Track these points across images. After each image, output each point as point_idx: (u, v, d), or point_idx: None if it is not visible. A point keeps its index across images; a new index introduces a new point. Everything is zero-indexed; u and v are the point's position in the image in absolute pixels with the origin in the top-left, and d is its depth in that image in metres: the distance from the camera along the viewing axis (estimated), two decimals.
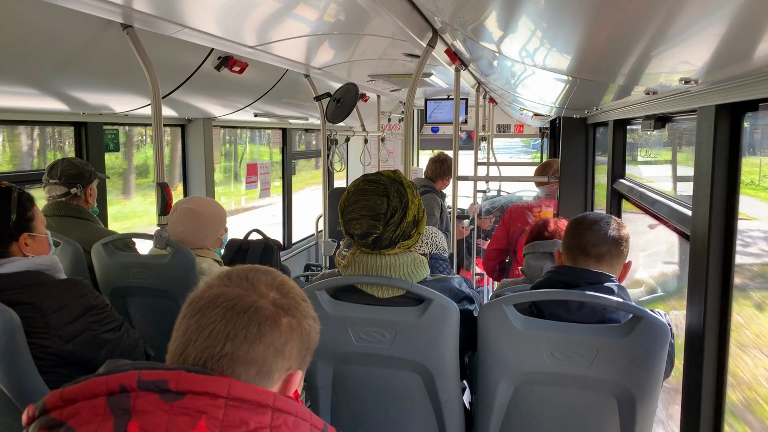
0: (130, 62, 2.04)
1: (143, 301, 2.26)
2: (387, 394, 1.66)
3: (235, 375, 0.79)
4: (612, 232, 1.65)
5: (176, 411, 0.72)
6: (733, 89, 1.27)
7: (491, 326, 1.54)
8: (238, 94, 3.30)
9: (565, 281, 1.61)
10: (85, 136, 2.96)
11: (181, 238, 2.20)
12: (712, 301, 1.45)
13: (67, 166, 2.44)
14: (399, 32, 1.97)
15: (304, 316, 0.87)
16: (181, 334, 0.82)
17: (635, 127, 2.65)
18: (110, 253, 2.22)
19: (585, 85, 1.81)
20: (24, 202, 1.62)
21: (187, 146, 3.90)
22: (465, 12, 1.36)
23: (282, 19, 2.14)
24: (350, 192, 1.60)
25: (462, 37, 1.82)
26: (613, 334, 1.47)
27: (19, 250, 1.60)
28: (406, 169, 2.47)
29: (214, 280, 0.87)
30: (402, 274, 1.59)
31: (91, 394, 0.74)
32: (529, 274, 2.33)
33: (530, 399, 1.58)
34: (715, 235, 1.42)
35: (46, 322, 1.52)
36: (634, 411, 1.48)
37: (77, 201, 2.47)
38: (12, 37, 1.74)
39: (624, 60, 1.24)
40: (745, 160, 1.39)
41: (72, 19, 1.78)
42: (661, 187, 2.24)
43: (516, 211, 3.73)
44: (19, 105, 2.43)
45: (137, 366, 0.77)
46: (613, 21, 0.91)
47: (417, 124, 6.89)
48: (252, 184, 4.73)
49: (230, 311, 0.81)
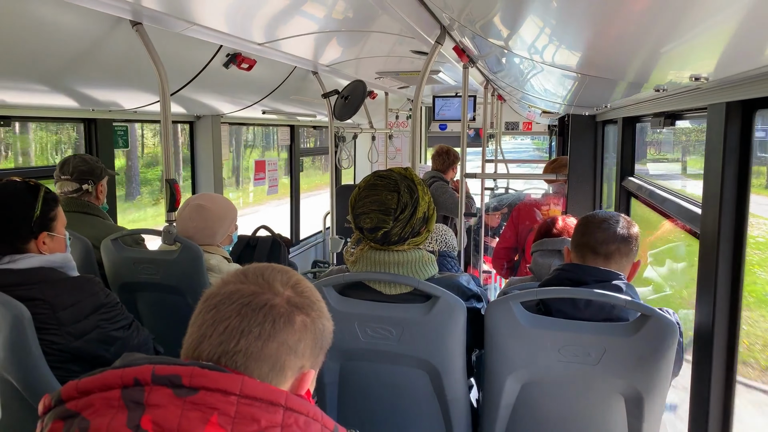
0: (139, 59, 2.05)
1: (152, 296, 2.28)
2: (394, 392, 1.66)
3: (248, 371, 0.79)
4: (621, 231, 1.64)
5: (189, 406, 0.72)
6: (744, 86, 1.26)
7: (498, 324, 1.54)
8: (246, 91, 3.31)
9: (573, 279, 1.60)
10: (95, 132, 2.98)
11: (191, 234, 2.21)
12: (722, 299, 1.44)
13: (79, 162, 2.46)
14: (407, 29, 1.96)
15: (319, 315, 0.88)
16: (196, 329, 0.83)
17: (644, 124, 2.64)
18: (119, 248, 2.23)
19: (594, 82, 1.80)
20: (49, 202, 1.64)
21: (196, 143, 3.91)
22: (473, 8, 1.35)
23: (290, 16, 2.14)
24: (361, 187, 1.61)
25: (470, 34, 1.82)
26: (620, 333, 1.47)
27: (36, 247, 1.62)
28: (414, 166, 2.46)
29: (231, 276, 0.87)
30: (410, 271, 1.59)
31: (106, 386, 0.75)
32: (536, 271, 2.32)
33: (537, 397, 1.57)
34: (725, 234, 1.41)
35: (57, 318, 1.53)
36: (642, 410, 1.47)
37: (88, 197, 2.48)
38: (22, 35, 1.75)
39: (633, 57, 1.23)
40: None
41: (82, 17, 1.80)
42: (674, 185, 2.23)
43: (524, 209, 3.71)
44: (29, 102, 2.45)
45: (152, 360, 0.77)
46: (623, 17, 0.91)
47: (425, 122, 6.88)
48: (260, 181, 4.74)
49: (245, 308, 0.82)
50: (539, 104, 4.05)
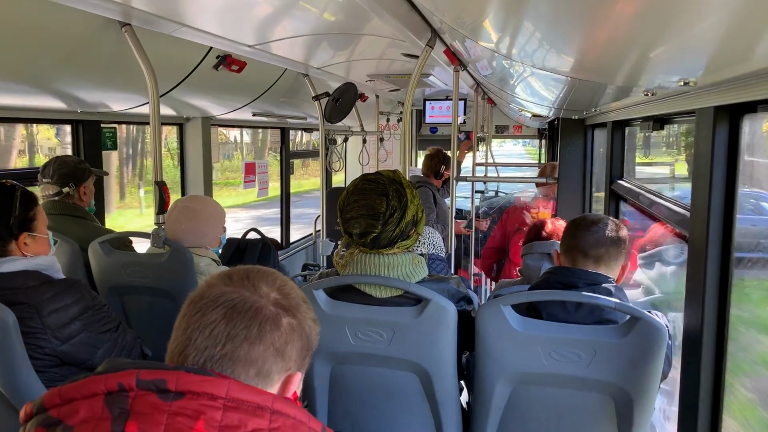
0: (128, 60, 2.04)
1: (140, 299, 2.26)
2: (384, 395, 1.66)
3: (234, 375, 0.79)
4: (610, 234, 1.65)
5: (175, 411, 0.71)
6: (732, 90, 1.27)
7: (489, 326, 1.54)
8: (236, 93, 3.30)
9: (563, 282, 1.61)
10: (83, 134, 2.95)
11: (180, 237, 2.20)
12: (710, 302, 1.45)
13: (59, 165, 2.43)
14: (398, 32, 1.97)
15: (305, 317, 0.87)
16: (181, 333, 0.82)
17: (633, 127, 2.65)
18: (107, 251, 2.21)
19: (583, 85, 1.81)
20: (27, 201, 1.62)
21: (185, 145, 3.89)
22: (464, 12, 1.36)
23: (281, 18, 2.13)
24: (349, 191, 1.60)
25: (461, 38, 1.82)
26: (610, 335, 1.47)
27: (18, 249, 1.60)
28: (405, 169, 2.46)
29: (216, 279, 0.86)
30: (400, 274, 1.59)
31: (90, 392, 0.73)
32: (527, 274, 2.33)
33: (528, 399, 1.57)
34: (714, 237, 1.42)
35: (43, 322, 1.52)
36: (632, 412, 1.48)
37: (71, 200, 2.45)
38: (9, 35, 1.73)
39: (622, 61, 1.24)
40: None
41: (70, 17, 1.78)
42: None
43: (513, 212, 3.76)
44: (15, 103, 2.42)
45: (136, 365, 0.76)
46: (612, 22, 0.91)
47: (415, 125, 6.89)
48: (250, 183, 4.72)
49: (231, 311, 0.81)
50: (529, 107, 4.07)
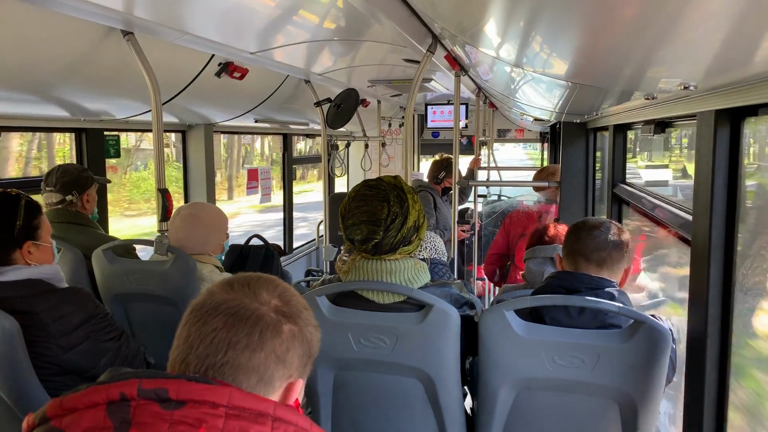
0: (130, 68, 2.05)
1: (144, 307, 2.26)
2: (387, 401, 1.65)
3: (236, 383, 0.79)
4: (613, 237, 1.65)
5: (176, 420, 0.72)
6: (733, 94, 1.27)
7: (492, 332, 1.53)
8: (238, 99, 3.31)
9: (566, 286, 1.60)
10: (86, 142, 2.97)
11: (183, 244, 2.20)
12: (714, 306, 1.44)
13: (61, 173, 2.45)
14: (399, 38, 1.97)
15: (306, 323, 0.87)
16: (182, 342, 0.82)
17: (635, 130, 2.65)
18: (111, 259, 2.22)
19: (584, 90, 1.81)
20: (31, 210, 1.62)
21: (188, 152, 3.90)
22: (464, 18, 1.36)
23: (282, 25, 2.14)
24: (350, 197, 1.60)
25: (461, 43, 1.83)
26: (614, 340, 1.47)
27: (21, 257, 1.60)
28: (407, 174, 2.47)
29: (216, 287, 0.86)
30: (402, 280, 1.59)
31: (91, 402, 0.73)
32: (530, 279, 2.32)
33: (531, 405, 1.57)
34: (716, 240, 1.42)
35: (46, 331, 1.52)
36: (636, 417, 1.47)
37: (74, 207, 2.46)
38: (13, 44, 1.74)
39: (623, 65, 1.24)
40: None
41: (73, 26, 1.79)
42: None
43: (516, 217, 3.74)
44: (19, 111, 2.43)
45: (138, 374, 0.76)
46: (612, 26, 0.91)
47: (417, 129, 6.90)
48: (253, 189, 4.73)
49: (232, 318, 0.81)
50: (530, 112, 4.08)
